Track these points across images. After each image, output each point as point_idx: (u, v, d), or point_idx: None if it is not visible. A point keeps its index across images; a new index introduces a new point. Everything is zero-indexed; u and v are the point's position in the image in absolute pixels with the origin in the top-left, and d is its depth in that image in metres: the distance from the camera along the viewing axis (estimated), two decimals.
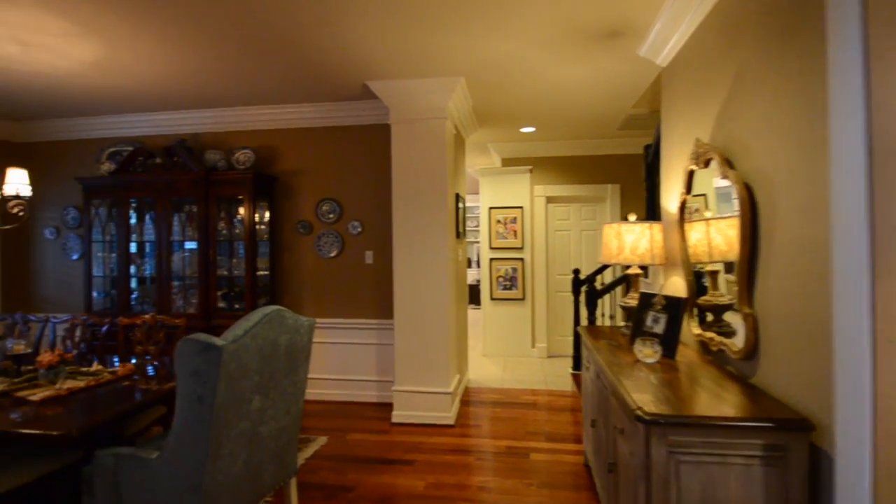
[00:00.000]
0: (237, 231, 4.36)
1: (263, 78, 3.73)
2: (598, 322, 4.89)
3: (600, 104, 4.44)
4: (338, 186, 4.46)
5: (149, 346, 3.28)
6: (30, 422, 1.99)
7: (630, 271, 2.89)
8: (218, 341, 1.85)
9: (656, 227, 2.75)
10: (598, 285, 4.60)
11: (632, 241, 2.71)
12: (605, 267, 4.68)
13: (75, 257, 4.99)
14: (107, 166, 4.60)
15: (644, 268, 3.33)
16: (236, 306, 4.35)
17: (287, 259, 4.56)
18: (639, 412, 1.57)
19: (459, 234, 4.63)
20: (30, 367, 2.55)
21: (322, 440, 3.55)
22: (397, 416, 3.91)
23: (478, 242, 10.45)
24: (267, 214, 4.49)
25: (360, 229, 4.40)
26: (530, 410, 4.17)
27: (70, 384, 2.41)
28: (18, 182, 2.78)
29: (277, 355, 2.13)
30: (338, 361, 4.48)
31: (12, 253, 5.12)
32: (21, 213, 2.84)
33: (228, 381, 1.87)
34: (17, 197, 2.78)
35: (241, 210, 4.29)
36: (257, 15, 2.71)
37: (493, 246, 6.23)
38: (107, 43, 3.05)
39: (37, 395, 2.26)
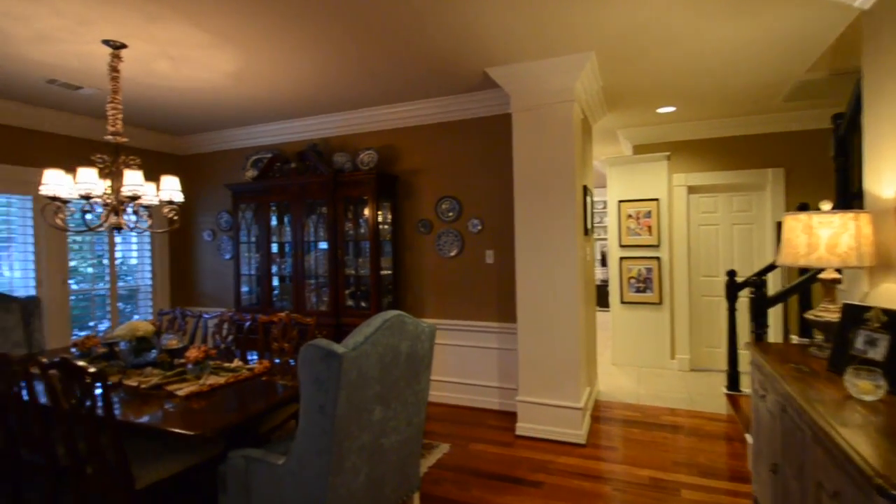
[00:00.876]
0: (362, 231, 4.42)
1: (385, 76, 3.69)
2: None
3: (762, 70, 3.69)
4: (457, 183, 4.30)
5: (284, 343, 3.42)
6: (174, 418, 2.09)
7: (824, 275, 2.26)
8: (338, 348, 1.74)
9: (864, 218, 2.10)
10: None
11: (828, 235, 2.10)
12: (770, 268, 3.90)
13: (227, 257, 5.52)
14: (250, 173, 4.99)
15: (839, 270, 2.62)
16: (363, 305, 4.42)
17: (409, 258, 4.53)
18: (883, 484, 1.10)
19: (588, 230, 4.19)
20: (181, 361, 2.75)
21: (444, 448, 3.41)
22: (522, 428, 3.63)
23: (604, 239, 9.60)
24: (389, 214, 4.50)
25: (479, 227, 4.20)
26: (674, 434, 3.61)
27: (212, 380, 2.54)
28: (171, 189, 3.00)
29: (398, 363, 1.99)
30: (459, 364, 4.33)
31: (179, 253, 5.85)
32: (175, 218, 3.09)
33: (349, 390, 1.76)
34: (170, 203, 3.00)
35: (366, 210, 4.34)
36: (379, 10, 2.62)
37: (624, 243, 5.62)
38: (243, 53, 3.21)
39: (183, 389, 2.40)
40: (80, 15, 2.65)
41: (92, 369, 2.02)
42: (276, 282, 4.95)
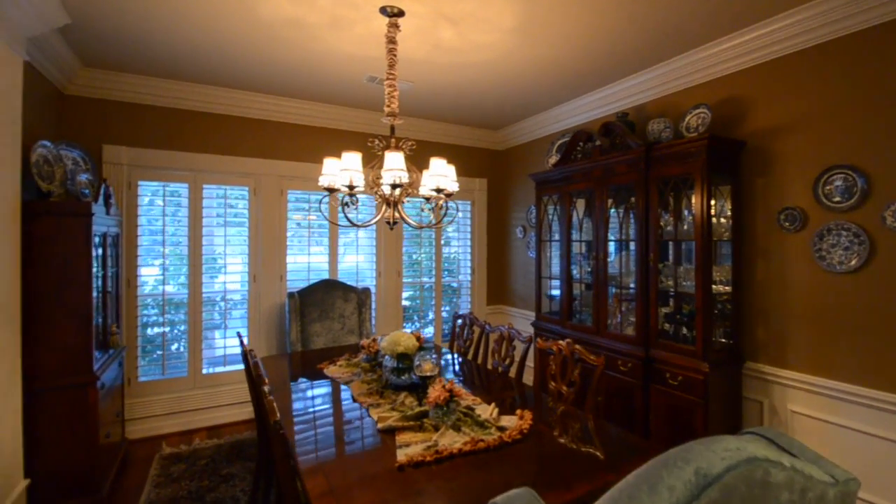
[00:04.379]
0: (685, 226, 3.41)
1: None
2: None
3: None
4: (859, 142, 2.80)
5: (562, 385, 2.84)
6: None
7: None
8: None
9: None
10: None
11: None
12: None
13: (533, 255, 5.36)
14: (553, 159, 4.66)
15: None
16: (684, 333, 3.44)
17: (761, 269, 3.25)
18: None
19: None
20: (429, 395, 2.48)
21: None
22: None
23: None
24: (728, 201, 3.33)
25: None
26: None
27: (448, 438, 2.13)
28: (439, 174, 2.74)
29: None
30: (860, 462, 2.77)
31: (495, 250, 6.12)
32: (443, 209, 2.88)
33: None
34: (438, 191, 2.76)
35: (692, 196, 3.30)
36: None
37: None
38: None
39: (410, 448, 2.06)
40: None
41: (277, 416, 1.85)
42: (576, 289, 4.42)
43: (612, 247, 3.99)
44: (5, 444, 2.69)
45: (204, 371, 4.54)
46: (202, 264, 4.50)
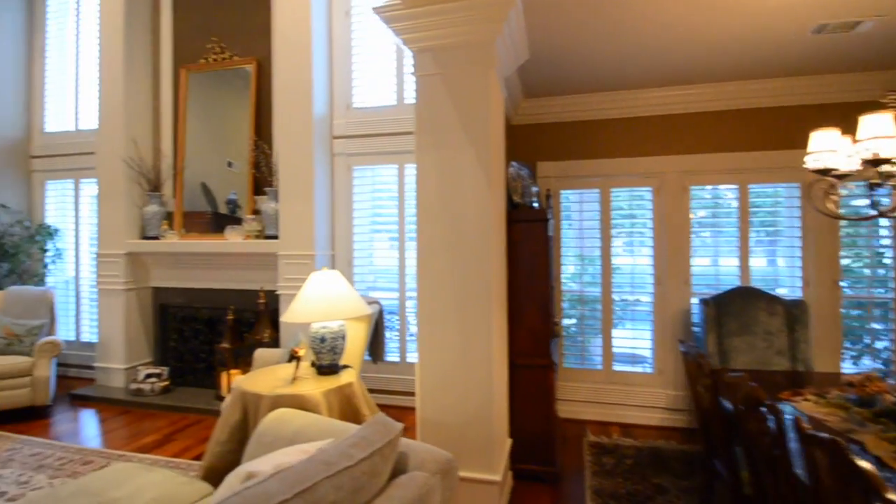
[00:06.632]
0: None
1: None
2: None
3: None
4: None
5: None
6: None
7: None
8: None
9: None
10: None
11: None
12: None
13: None
14: None
15: None
16: None
17: None
18: None
19: None
20: None
21: None
22: None
23: None
24: None
25: None
26: None
27: None
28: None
29: None
30: None
31: None
32: None
33: None
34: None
35: None
36: None
37: None
38: None
39: None
40: None
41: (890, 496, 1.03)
42: None
43: None
44: (503, 407, 2.79)
45: (614, 368, 4.16)
46: (611, 265, 4.17)
